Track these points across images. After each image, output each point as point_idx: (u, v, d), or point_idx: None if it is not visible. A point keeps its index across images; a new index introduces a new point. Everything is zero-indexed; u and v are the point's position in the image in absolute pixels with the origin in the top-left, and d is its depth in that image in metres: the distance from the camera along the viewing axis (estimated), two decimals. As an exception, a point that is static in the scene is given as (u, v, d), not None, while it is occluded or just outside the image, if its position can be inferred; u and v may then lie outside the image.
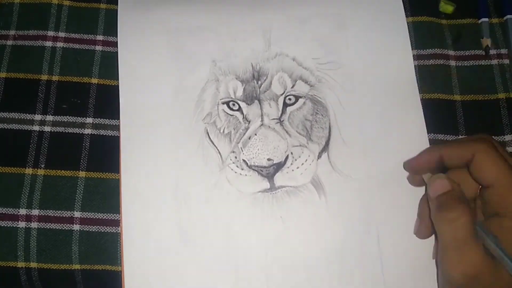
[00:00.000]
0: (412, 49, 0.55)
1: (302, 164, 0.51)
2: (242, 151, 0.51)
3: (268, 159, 0.51)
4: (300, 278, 0.49)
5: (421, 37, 0.56)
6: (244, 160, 0.51)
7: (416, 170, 0.48)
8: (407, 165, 0.49)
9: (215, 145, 0.52)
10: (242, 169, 0.51)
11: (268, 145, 0.51)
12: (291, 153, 0.51)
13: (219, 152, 0.52)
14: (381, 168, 0.51)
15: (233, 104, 0.53)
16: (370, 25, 0.55)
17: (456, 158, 0.45)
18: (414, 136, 0.52)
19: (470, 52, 0.56)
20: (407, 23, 0.56)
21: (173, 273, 0.49)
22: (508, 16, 0.56)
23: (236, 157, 0.51)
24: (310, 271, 0.49)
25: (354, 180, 0.51)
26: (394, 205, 0.50)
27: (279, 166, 0.51)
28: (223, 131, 0.52)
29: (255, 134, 0.52)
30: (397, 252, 0.49)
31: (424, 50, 0.56)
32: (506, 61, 0.55)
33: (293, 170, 0.51)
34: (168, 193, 0.50)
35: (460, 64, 0.55)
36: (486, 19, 0.56)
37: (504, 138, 0.53)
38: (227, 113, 0.53)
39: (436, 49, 0.56)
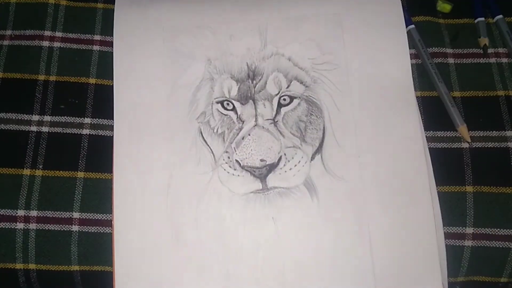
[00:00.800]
0: (410, 49, 0.55)
1: (295, 165, 0.51)
2: (235, 151, 0.51)
3: (261, 160, 0.51)
4: (291, 278, 0.49)
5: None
6: (237, 161, 0.51)
7: None
8: None
9: (208, 145, 0.52)
10: (235, 169, 0.51)
11: (262, 146, 0.51)
12: (284, 154, 0.51)
13: (212, 152, 0.52)
14: (375, 170, 0.51)
15: (228, 104, 0.53)
16: (367, 26, 0.55)
17: None
18: (409, 139, 0.52)
19: (468, 50, 0.56)
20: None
21: (164, 272, 0.49)
22: (498, 17, 0.56)
23: (229, 157, 0.51)
24: (301, 271, 0.49)
25: (347, 182, 0.51)
26: (386, 207, 0.50)
27: (271, 167, 0.51)
28: (217, 131, 0.52)
29: (249, 135, 0.52)
30: (388, 254, 0.49)
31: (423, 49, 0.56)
32: (505, 60, 0.55)
33: (285, 172, 0.51)
34: (161, 192, 0.50)
35: (459, 62, 0.55)
36: (482, 19, 0.56)
37: (506, 134, 0.53)
38: (221, 113, 0.53)
39: (434, 48, 0.56)
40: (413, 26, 0.56)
